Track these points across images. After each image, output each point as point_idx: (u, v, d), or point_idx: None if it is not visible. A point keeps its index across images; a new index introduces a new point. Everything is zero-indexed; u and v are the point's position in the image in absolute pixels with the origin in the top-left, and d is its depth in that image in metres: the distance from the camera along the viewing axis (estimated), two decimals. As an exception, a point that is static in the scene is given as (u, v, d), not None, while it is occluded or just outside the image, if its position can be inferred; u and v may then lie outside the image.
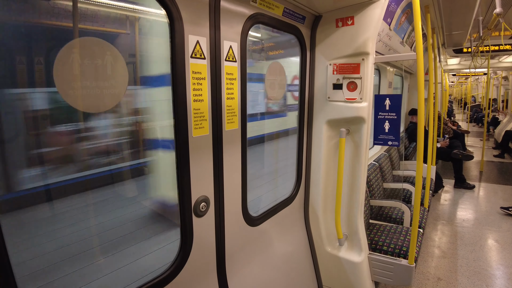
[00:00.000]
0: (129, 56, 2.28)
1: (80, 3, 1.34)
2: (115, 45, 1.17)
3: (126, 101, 2.47)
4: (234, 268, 1.84)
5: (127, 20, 3.73)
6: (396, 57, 2.27)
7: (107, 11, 2.38)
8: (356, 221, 2.33)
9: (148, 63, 2.44)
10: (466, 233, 4.15)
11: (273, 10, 1.84)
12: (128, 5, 2.56)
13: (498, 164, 7.80)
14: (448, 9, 3.89)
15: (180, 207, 1.46)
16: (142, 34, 2.44)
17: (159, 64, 2.16)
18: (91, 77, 1.12)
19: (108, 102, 1.20)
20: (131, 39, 2.85)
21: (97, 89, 1.14)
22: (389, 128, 2.18)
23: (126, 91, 1.26)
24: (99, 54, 1.14)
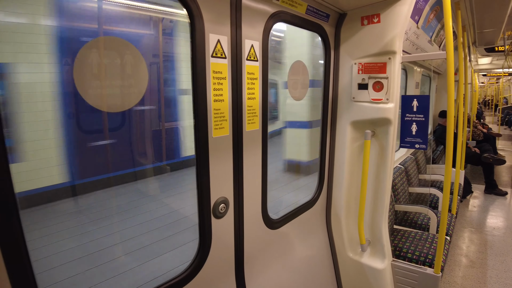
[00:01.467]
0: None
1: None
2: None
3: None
4: (252, 271, 1.81)
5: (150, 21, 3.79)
6: (424, 56, 2.17)
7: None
8: (380, 226, 2.25)
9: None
10: (496, 242, 3.93)
11: (296, 8, 1.80)
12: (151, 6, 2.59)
13: (532, 169, 7.39)
14: (480, 5, 3.70)
15: (199, 208, 1.44)
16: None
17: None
18: (111, 77, 1.12)
19: (128, 101, 1.19)
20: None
21: (117, 88, 1.13)
22: (416, 131, 2.08)
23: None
24: (119, 54, 1.13)
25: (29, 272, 0.89)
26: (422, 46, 3.30)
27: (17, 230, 0.86)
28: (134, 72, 1.18)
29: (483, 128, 7.46)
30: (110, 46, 1.12)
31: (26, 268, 0.88)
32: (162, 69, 4.78)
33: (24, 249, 0.87)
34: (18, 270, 0.87)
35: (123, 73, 1.14)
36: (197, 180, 1.41)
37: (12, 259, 0.85)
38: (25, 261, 0.88)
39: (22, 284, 0.89)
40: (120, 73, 1.15)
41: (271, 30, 1.67)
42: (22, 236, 0.87)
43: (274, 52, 6.19)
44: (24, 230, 0.85)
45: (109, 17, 3.58)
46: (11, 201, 0.83)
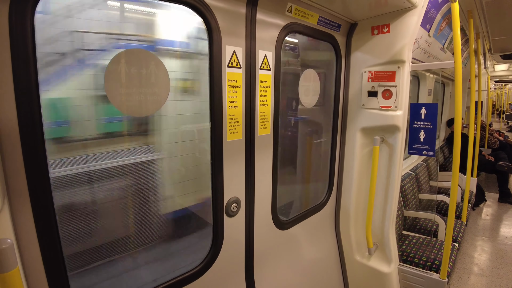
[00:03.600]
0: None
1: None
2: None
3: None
4: (262, 269, 1.89)
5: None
6: (432, 65, 2.23)
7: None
8: (388, 231, 2.30)
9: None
10: (509, 251, 3.89)
11: (308, 19, 1.88)
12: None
13: (549, 178, 7.23)
14: (493, 13, 3.71)
15: (213, 206, 1.54)
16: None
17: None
18: (136, 85, 1.23)
19: (150, 108, 1.30)
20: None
21: (141, 95, 1.24)
22: (424, 138, 2.14)
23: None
24: (144, 64, 1.24)
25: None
26: (434, 54, 3.33)
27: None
28: (157, 81, 1.29)
29: (500, 136, 7.34)
30: (136, 58, 1.23)
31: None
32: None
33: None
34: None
35: (147, 81, 1.25)
36: (211, 180, 1.51)
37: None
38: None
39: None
40: (145, 81, 1.27)
41: (284, 40, 1.76)
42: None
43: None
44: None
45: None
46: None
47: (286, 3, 1.69)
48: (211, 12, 1.34)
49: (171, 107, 1.64)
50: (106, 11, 1.32)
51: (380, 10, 2.03)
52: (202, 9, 1.31)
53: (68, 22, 1.20)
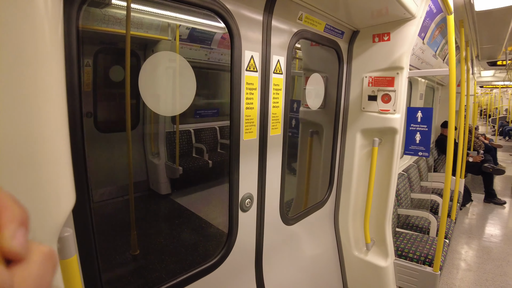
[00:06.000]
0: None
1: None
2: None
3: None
4: (269, 262, 1.99)
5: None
6: (429, 72, 2.38)
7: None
8: (384, 227, 2.44)
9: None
10: (493, 248, 4.11)
11: (316, 26, 2.01)
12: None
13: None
14: (482, 23, 3.91)
15: (229, 202, 1.64)
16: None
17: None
18: (166, 86, 1.33)
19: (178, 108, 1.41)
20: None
21: (171, 97, 1.35)
22: (420, 139, 2.29)
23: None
24: (173, 67, 1.35)
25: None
26: (427, 60, 3.50)
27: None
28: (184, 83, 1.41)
29: (485, 139, 7.64)
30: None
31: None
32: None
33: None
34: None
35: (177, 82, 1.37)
36: (229, 177, 1.62)
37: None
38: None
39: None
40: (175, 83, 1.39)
41: (294, 46, 1.88)
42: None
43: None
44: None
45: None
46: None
47: (298, 11, 1.81)
48: (234, 18, 1.45)
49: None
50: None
51: (381, 20, 2.16)
52: (226, 16, 1.42)
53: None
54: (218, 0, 1.38)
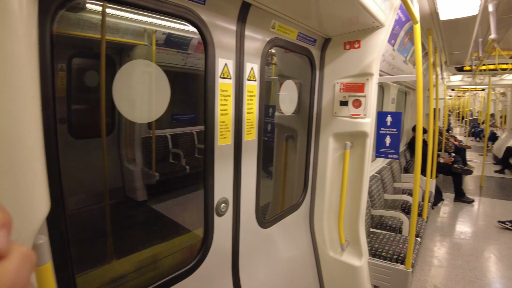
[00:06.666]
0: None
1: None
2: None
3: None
4: (246, 266, 2.02)
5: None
6: (397, 78, 2.49)
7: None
8: (358, 228, 2.52)
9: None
10: (463, 245, 4.30)
11: (288, 34, 2.07)
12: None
13: (498, 179, 7.94)
14: (448, 31, 4.12)
15: (204, 207, 1.67)
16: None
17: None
18: (140, 94, 1.35)
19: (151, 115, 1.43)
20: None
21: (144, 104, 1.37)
22: (390, 142, 2.38)
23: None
24: (147, 74, 1.37)
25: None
26: (397, 66, 3.65)
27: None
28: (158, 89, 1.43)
29: (455, 141, 7.98)
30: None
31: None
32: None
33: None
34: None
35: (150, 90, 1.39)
36: (204, 182, 1.64)
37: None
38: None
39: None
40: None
41: (267, 54, 1.93)
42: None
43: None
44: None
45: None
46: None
47: (271, 20, 1.86)
48: (207, 27, 1.49)
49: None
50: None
51: (352, 28, 2.25)
52: (200, 25, 1.46)
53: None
54: (192, 10, 1.42)
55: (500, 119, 13.38)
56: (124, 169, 4.20)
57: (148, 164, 4.23)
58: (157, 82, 1.49)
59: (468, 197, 6.02)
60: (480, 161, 7.53)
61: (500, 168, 8.74)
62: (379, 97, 4.51)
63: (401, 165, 5.42)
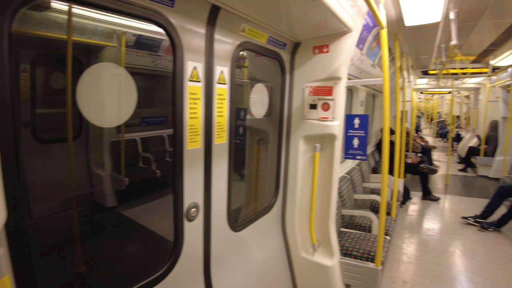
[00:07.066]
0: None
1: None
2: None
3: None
4: (219, 270, 2.01)
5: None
6: (365, 81, 2.57)
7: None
8: (329, 228, 2.57)
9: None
10: (430, 241, 4.48)
11: (258, 38, 2.09)
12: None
13: (462, 177, 8.36)
14: (414, 37, 4.30)
15: (174, 212, 1.64)
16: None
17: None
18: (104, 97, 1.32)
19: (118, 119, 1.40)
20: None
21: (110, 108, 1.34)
22: (358, 144, 2.46)
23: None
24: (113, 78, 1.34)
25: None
26: (366, 70, 3.76)
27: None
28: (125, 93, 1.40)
29: (422, 142, 8.31)
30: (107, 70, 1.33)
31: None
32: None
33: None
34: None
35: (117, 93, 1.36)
36: (172, 187, 1.62)
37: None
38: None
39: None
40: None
41: (237, 57, 1.94)
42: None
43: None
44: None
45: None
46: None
47: (240, 24, 1.87)
48: (176, 30, 1.48)
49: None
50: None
51: (321, 32, 2.30)
52: (168, 28, 1.44)
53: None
54: (160, 12, 1.40)
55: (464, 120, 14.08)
56: (93, 174, 4.08)
57: (117, 169, 4.11)
58: (123, 85, 1.47)
59: (434, 195, 6.29)
60: (446, 161, 7.88)
61: (463, 167, 9.20)
62: (348, 100, 4.63)
63: (370, 165, 5.59)
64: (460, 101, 15.18)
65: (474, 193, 6.89)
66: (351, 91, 4.56)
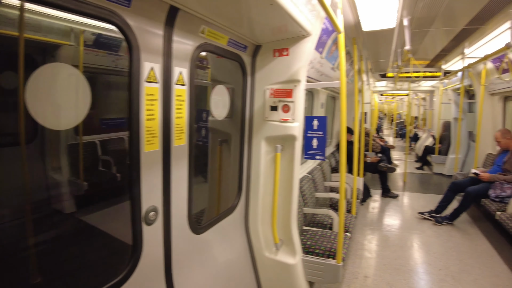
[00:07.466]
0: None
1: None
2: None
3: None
4: (181, 274, 1.99)
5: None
6: (323, 84, 2.66)
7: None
8: (291, 227, 2.62)
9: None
10: (390, 236, 4.69)
11: (219, 40, 2.10)
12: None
13: (419, 175, 8.84)
14: (372, 41, 4.50)
15: (131, 216, 1.61)
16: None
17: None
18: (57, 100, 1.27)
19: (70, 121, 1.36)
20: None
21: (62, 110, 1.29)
22: (317, 145, 2.54)
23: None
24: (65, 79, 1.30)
25: None
26: (326, 73, 3.88)
27: None
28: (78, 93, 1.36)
29: (381, 141, 8.71)
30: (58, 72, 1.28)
31: None
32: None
33: None
34: None
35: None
36: (129, 190, 1.59)
37: None
38: None
39: None
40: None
41: (197, 58, 1.94)
42: None
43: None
44: None
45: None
46: None
47: (200, 25, 1.87)
48: (132, 30, 1.46)
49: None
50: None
51: (281, 36, 2.34)
52: (125, 28, 1.42)
53: None
54: (115, 12, 1.38)
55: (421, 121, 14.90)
56: (49, 179, 3.88)
57: (75, 173, 3.95)
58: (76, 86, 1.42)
59: (393, 193, 6.60)
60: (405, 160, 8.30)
61: (420, 165, 9.73)
62: (310, 103, 4.75)
63: (331, 165, 5.76)
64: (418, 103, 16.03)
65: (430, 190, 7.31)
66: (312, 93, 4.69)
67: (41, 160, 3.91)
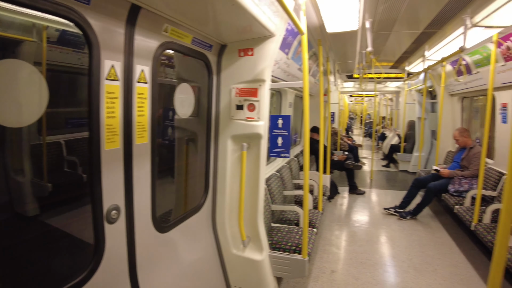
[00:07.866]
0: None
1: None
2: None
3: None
4: (146, 273, 1.98)
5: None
6: (287, 84, 2.73)
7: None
8: (257, 224, 2.67)
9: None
10: (356, 231, 4.86)
11: (182, 39, 2.10)
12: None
13: (385, 172, 9.18)
14: (337, 43, 4.64)
15: (93, 215, 1.59)
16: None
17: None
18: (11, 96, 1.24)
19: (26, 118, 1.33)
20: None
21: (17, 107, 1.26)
22: (282, 143, 2.60)
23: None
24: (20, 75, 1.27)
25: None
26: (293, 73, 3.97)
27: None
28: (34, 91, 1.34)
29: (348, 140, 8.99)
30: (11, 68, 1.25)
31: None
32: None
33: None
34: None
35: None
36: (90, 189, 1.57)
37: None
38: None
39: None
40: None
41: (160, 56, 1.94)
42: None
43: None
44: None
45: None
46: None
47: (162, 24, 1.88)
48: (92, 28, 1.44)
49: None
50: None
51: (246, 36, 2.39)
52: (84, 26, 1.41)
53: None
54: (74, 9, 1.36)
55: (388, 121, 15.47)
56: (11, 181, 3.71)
57: (39, 174, 3.80)
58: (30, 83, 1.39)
59: (360, 189, 6.82)
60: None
61: (386, 163, 10.12)
62: (278, 102, 4.83)
63: (300, 163, 5.88)
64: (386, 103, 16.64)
65: (396, 186, 7.62)
66: (280, 93, 4.77)
67: (2, 160, 3.73)
